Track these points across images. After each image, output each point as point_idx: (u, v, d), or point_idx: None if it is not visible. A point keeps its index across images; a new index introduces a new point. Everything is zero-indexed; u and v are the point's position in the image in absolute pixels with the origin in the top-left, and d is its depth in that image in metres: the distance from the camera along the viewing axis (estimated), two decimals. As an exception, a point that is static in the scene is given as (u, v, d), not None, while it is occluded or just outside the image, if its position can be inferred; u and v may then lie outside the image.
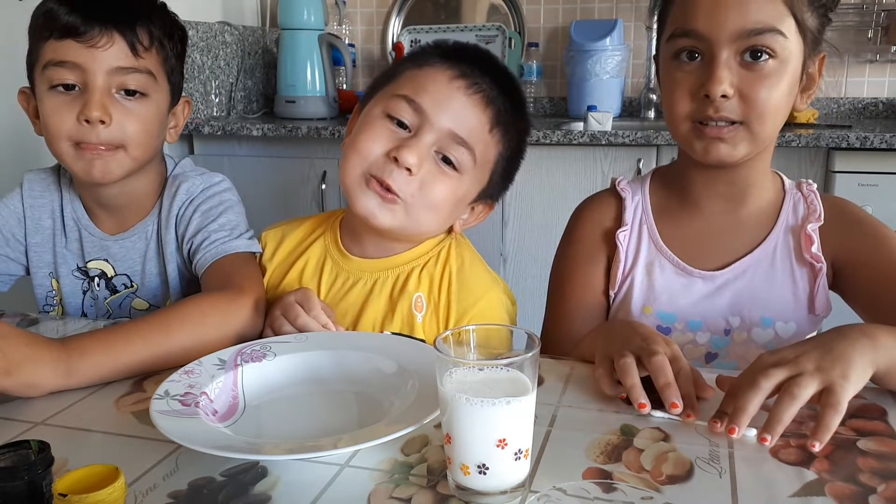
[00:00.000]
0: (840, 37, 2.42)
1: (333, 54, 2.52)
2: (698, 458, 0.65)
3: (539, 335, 0.66)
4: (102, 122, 1.00)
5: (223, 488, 0.62)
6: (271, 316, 0.93)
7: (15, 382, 0.76)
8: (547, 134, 2.08)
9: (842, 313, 0.96)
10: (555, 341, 1.00)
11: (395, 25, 2.81)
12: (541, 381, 0.80)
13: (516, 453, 0.58)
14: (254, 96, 2.70)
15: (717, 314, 0.98)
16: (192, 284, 1.11)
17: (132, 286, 1.14)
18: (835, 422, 0.66)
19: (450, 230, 1.06)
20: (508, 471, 0.58)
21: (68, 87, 1.00)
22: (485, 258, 1.08)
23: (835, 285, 0.97)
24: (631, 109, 2.61)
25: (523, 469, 0.60)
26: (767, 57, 0.86)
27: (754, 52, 0.86)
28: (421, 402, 0.69)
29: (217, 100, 2.48)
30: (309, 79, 2.47)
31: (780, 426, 0.66)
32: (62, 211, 1.14)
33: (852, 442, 0.68)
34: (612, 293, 1.02)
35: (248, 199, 1.19)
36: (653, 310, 0.99)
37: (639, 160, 2.08)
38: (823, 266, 0.95)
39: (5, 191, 1.16)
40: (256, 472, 0.64)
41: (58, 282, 1.15)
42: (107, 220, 1.14)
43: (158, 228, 1.12)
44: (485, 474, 0.58)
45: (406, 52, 1.04)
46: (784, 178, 1.02)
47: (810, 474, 0.63)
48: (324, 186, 2.25)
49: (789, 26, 0.86)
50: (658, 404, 0.72)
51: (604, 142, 2.07)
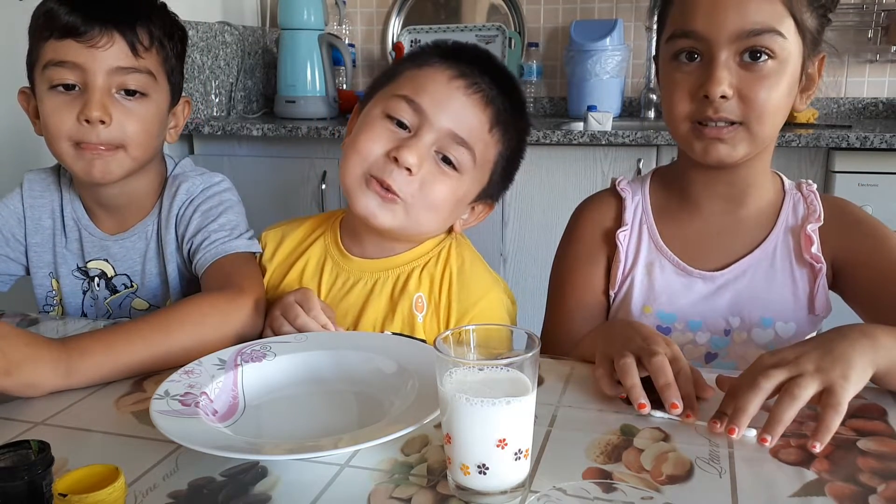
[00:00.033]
0: (840, 37, 2.42)
1: (333, 54, 2.52)
2: (698, 458, 0.65)
3: (539, 335, 0.66)
4: (102, 122, 1.00)
5: (223, 488, 0.62)
6: (271, 316, 0.93)
7: (15, 382, 0.76)
8: (547, 134, 2.08)
9: (842, 313, 0.96)
10: (555, 341, 1.00)
11: (395, 25, 2.81)
12: (541, 381, 0.80)
13: (516, 453, 0.58)
14: (254, 96, 2.70)
15: (716, 314, 0.98)
16: (192, 284, 1.11)
17: (132, 286, 1.14)
18: (835, 422, 0.66)
19: (450, 230, 1.06)
20: (508, 471, 0.58)
21: (68, 87, 1.00)
22: (485, 258, 1.08)
23: (835, 285, 0.97)
24: (631, 109, 2.61)
25: (523, 469, 0.60)
26: (767, 57, 0.86)
27: (753, 52, 0.86)
28: (421, 402, 0.69)
29: (217, 100, 2.48)
30: (309, 79, 2.47)
31: (780, 427, 0.66)
32: (62, 211, 1.14)
33: (852, 442, 0.68)
34: (612, 293, 1.02)
35: (248, 199, 1.19)
36: (653, 310, 0.99)
37: (639, 160, 2.09)
38: (823, 266, 0.95)
39: (5, 191, 1.16)
40: (256, 472, 0.64)
41: (58, 282, 1.15)
42: (107, 220, 1.14)
43: (158, 228, 1.12)
44: (485, 474, 0.58)
45: (406, 53, 1.04)
46: (784, 178, 1.02)
47: (810, 474, 0.63)
48: (324, 186, 2.25)
49: (788, 27, 0.86)
50: (658, 404, 0.72)
51: (604, 142, 2.07)
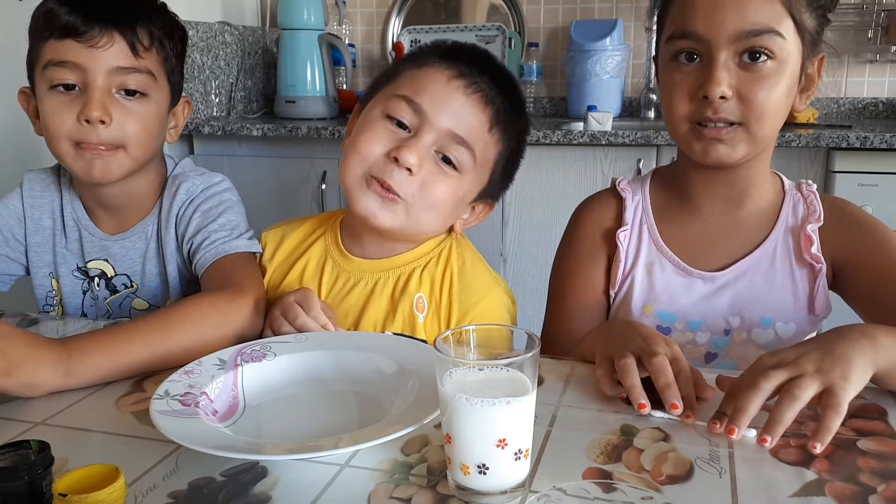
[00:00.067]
0: (840, 37, 2.42)
1: (333, 54, 2.52)
2: (698, 458, 0.65)
3: (539, 335, 0.66)
4: (102, 122, 1.00)
5: (223, 488, 0.62)
6: (271, 316, 0.93)
7: (15, 382, 0.76)
8: (547, 134, 2.08)
9: (842, 313, 0.96)
10: (555, 341, 1.00)
11: (395, 25, 2.81)
12: (541, 381, 0.80)
13: (516, 453, 0.58)
14: (254, 96, 2.70)
15: (717, 314, 0.98)
16: (192, 284, 1.11)
17: (132, 286, 1.14)
18: (836, 423, 0.66)
19: (450, 230, 1.06)
20: (508, 471, 0.58)
21: (68, 87, 1.00)
22: (485, 258, 1.08)
23: (835, 285, 0.97)
24: (631, 109, 2.61)
25: (523, 469, 0.60)
26: (766, 58, 0.86)
27: (753, 53, 0.86)
28: (421, 402, 0.69)
29: (217, 100, 2.48)
30: (309, 79, 2.47)
31: (780, 427, 0.66)
32: (62, 211, 1.14)
33: (852, 442, 0.68)
34: (612, 293, 1.02)
35: (248, 199, 1.19)
36: (653, 310, 0.99)
37: (639, 160, 2.09)
38: (823, 267, 0.95)
39: (5, 191, 1.16)
40: (256, 472, 0.64)
41: (58, 282, 1.15)
42: (107, 220, 1.14)
43: (158, 228, 1.12)
44: (485, 474, 0.58)
45: (405, 53, 1.04)
46: (784, 178, 1.02)
47: (810, 474, 0.63)
48: (324, 186, 2.25)
49: (787, 27, 0.86)
50: (658, 404, 0.72)
51: (604, 142, 2.07)
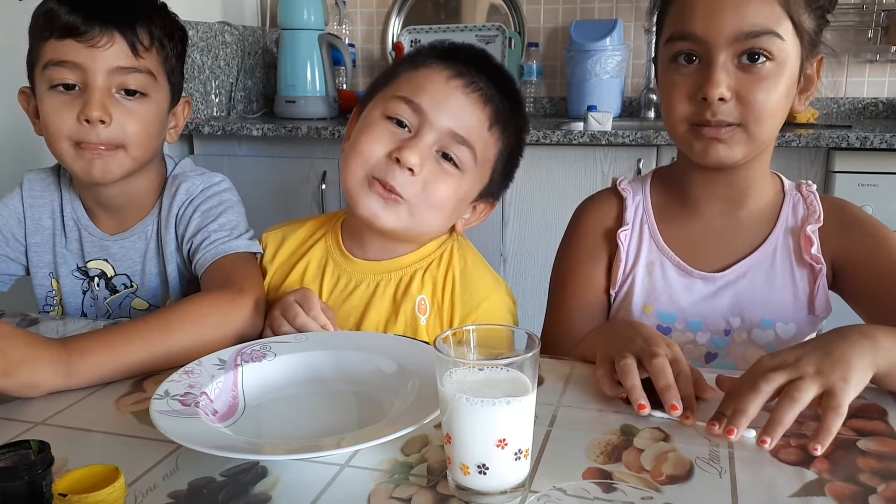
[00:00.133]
0: (840, 37, 2.42)
1: (333, 54, 2.52)
2: (698, 458, 0.65)
3: (539, 335, 0.66)
4: (102, 122, 1.00)
5: (223, 488, 0.62)
6: (271, 316, 0.93)
7: (14, 383, 0.76)
8: (547, 134, 2.08)
9: (842, 313, 0.96)
10: (555, 340, 1.00)
11: (395, 25, 2.81)
12: (541, 381, 0.80)
13: (516, 453, 0.58)
14: (254, 96, 2.70)
15: (717, 315, 0.98)
16: (192, 284, 1.11)
17: (132, 286, 1.14)
18: (836, 425, 0.66)
19: (451, 230, 1.06)
20: (508, 471, 0.58)
21: (68, 87, 1.00)
22: (485, 258, 1.08)
23: (835, 286, 0.97)
24: (631, 109, 2.61)
25: (523, 469, 0.60)
26: (765, 59, 0.86)
27: (751, 54, 0.85)
28: (421, 402, 0.69)
29: (217, 100, 2.48)
30: (309, 79, 2.47)
31: (780, 429, 0.66)
32: (62, 211, 1.14)
33: (852, 442, 0.68)
34: (612, 292, 1.02)
35: (248, 199, 1.19)
36: (653, 309, 0.99)
37: (639, 160, 2.09)
38: (823, 267, 0.95)
39: (5, 191, 1.16)
40: (256, 472, 0.64)
41: (58, 282, 1.15)
42: (107, 220, 1.14)
43: (158, 228, 1.12)
44: (485, 474, 0.58)
45: (403, 55, 1.04)
46: (784, 179, 1.02)
47: (810, 474, 0.63)
48: (324, 186, 2.25)
49: (786, 29, 0.86)
50: (658, 404, 0.72)
51: (604, 142, 2.07)
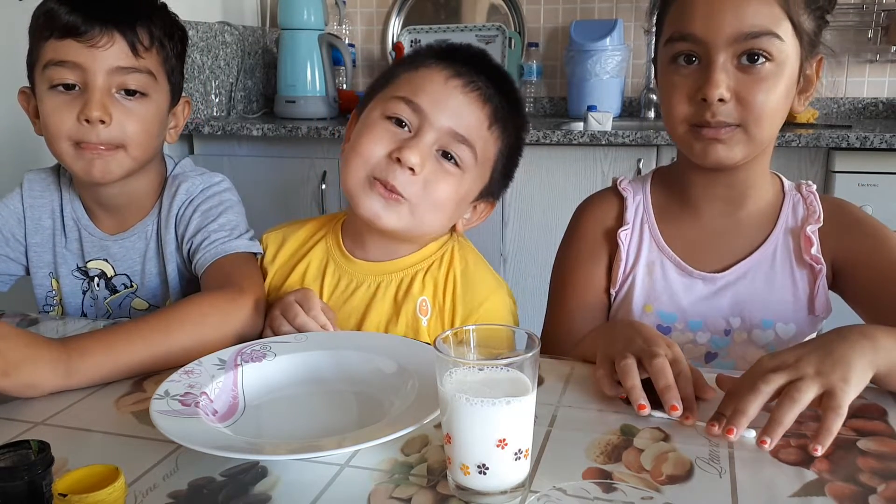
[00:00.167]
0: (840, 37, 2.42)
1: (333, 54, 2.52)
2: (698, 458, 0.65)
3: (539, 334, 0.66)
4: (102, 122, 1.00)
5: (223, 488, 0.62)
6: (271, 315, 0.93)
7: (14, 383, 0.76)
8: (547, 134, 2.08)
9: (842, 314, 0.96)
10: (555, 340, 1.00)
11: (395, 25, 2.81)
12: (541, 381, 0.80)
13: (516, 453, 0.58)
14: (254, 96, 2.70)
15: (717, 315, 0.98)
16: (191, 284, 1.11)
17: (132, 286, 1.14)
18: (836, 426, 0.65)
19: (452, 231, 1.06)
20: (508, 471, 0.58)
21: (68, 87, 1.00)
22: (485, 258, 1.08)
23: (835, 286, 0.97)
24: (631, 109, 2.61)
25: (523, 469, 0.60)
26: (764, 60, 0.86)
27: (751, 55, 0.86)
28: (421, 402, 0.69)
29: (217, 100, 2.48)
30: (309, 79, 2.47)
31: (780, 429, 0.66)
32: (62, 211, 1.14)
33: (852, 442, 0.68)
34: (612, 292, 1.02)
35: (248, 199, 1.19)
36: (653, 309, 0.99)
37: (639, 160, 2.09)
38: (823, 267, 0.95)
39: (5, 191, 1.16)
40: (256, 472, 0.64)
41: (58, 282, 1.15)
42: (107, 220, 1.14)
43: (158, 228, 1.12)
44: (485, 474, 0.58)
45: (401, 56, 1.04)
46: (784, 179, 1.02)
47: (810, 474, 0.63)
48: (324, 186, 2.25)
49: (786, 29, 0.86)
50: (658, 404, 0.72)
51: (604, 142, 2.07)
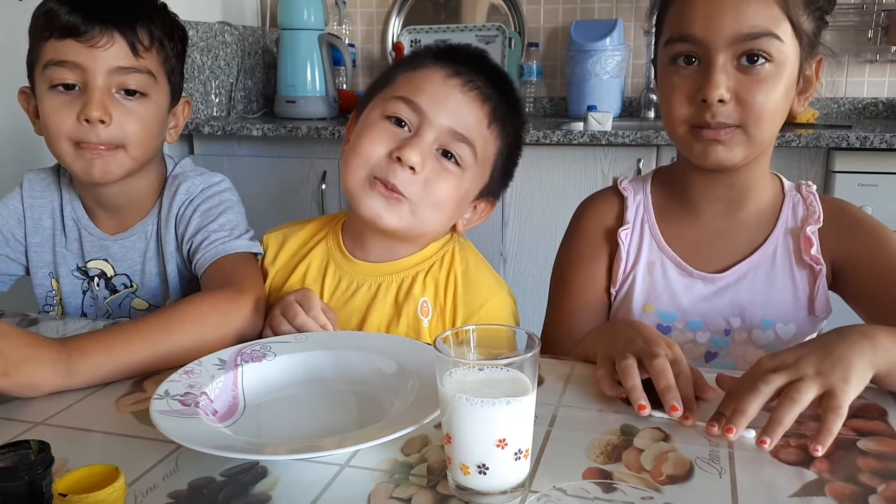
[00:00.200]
0: (840, 37, 2.42)
1: (333, 54, 2.52)
2: (698, 458, 0.65)
3: (539, 334, 0.66)
4: (102, 122, 1.00)
5: (223, 488, 0.62)
6: (271, 315, 0.93)
7: (14, 383, 0.76)
8: (547, 134, 2.08)
9: (842, 314, 0.96)
10: (556, 339, 1.00)
11: (395, 25, 2.81)
12: (541, 381, 0.80)
13: (516, 453, 0.58)
14: (254, 96, 2.70)
15: (717, 315, 0.98)
16: (191, 284, 1.11)
17: (132, 286, 1.14)
18: (836, 426, 0.65)
19: (452, 231, 1.06)
20: (508, 471, 0.58)
21: (68, 87, 1.00)
22: (485, 258, 1.08)
23: (834, 286, 0.97)
24: (631, 109, 2.61)
25: (523, 469, 0.60)
26: (764, 61, 0.86)
27: (751, 56, 0.86)
28: (421, 402, 0.69)
29: (217, 100, 2.48)
30: (309, 79, 2.47)
31: (780, 429, 0.66)
32: (62, 211, 1.14)
33: (852, 442, 0.68)
34: (613, 291, 1.02)
35: (248, 199, 1.19)
36: (654, 308, 0.99)
37: (639, 160, 2.09)
38: (823, 268, 0.95)
39: (5, 191, 1.16)
40: (256, 472, 0.64)
41: (57, 282, 1.15)
42: (106, 220, 1.14)
43: (158, 228, 1.12)
44: (485, 474, 0.58)
45: (400, 57, 1.04)
46: (784, 179, 1.02)
47: (810, 474, 0.63)
48: (324, 186, 2.25)
49: (785, 30, 0.86)
50: (658, 404, 0.72)
51: (604, 142, 2.07)
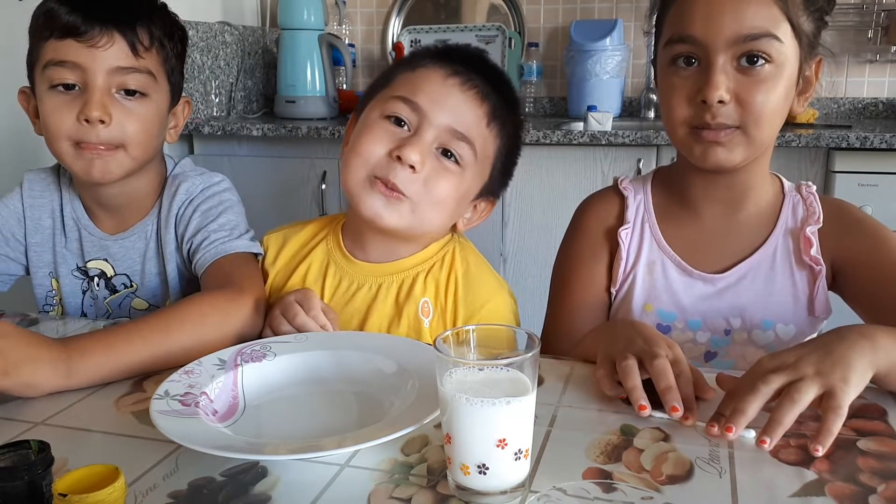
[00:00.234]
0: (840, 37, 2.42)
1: (333, 54, 2.52)
2: (698, 458, 0.65)
3: (539, 335, 0.66)
4: (102, 122, 1.00)
5: (223, 488, 0.62)
6: (271, 315, 0.93)
7: (13, 382, 0.76)
8: (547, 134, 2.08)
9: (842, 314, 0.96)
10: (556, 338, 1.00)
11: (395, 25, 2.81)
12: (541, 381, 0.80)
13: (516, 453, 0.58)
14: (254, 96, 2.70)
15: (717, 315, 0.98)
16: (191, 284, 1.11)
17: (132, 286, 1.14)
18: (837, 426, 0.65)
19: (453, 231, 1.06)
20: (508, 471, 0.58)
21: (68, 87, 1.00)
22: (485, 258, 1.08)
23: (834, 286, 0.97)
24: (631, 109, 2.61)
25: (523, 469, 0.60)
26: (764, 62, 0.86)
27: (750, 57, 0.86)
28: (421, 402, 0.69)
29: (217, 100, 2.48)
30: (309, 79, 2.47)
31: (779, 429, 0.66)
32: (62, 211, 1.14)
33: (852, 442, 0.68)
34: (613, 290, 1.02)
35: (248, 199, 1.19)
36: (654, 308, 0.99)
37: (639, 160, 2.09)
38: (823, 268, 0.95)
39: (5, 191, 1.16)
40: (256, 472, 0.64)
41: (57, 281, 1.15)
42: (106, 220, 1.14)
43: (158, 228, 1.12)
44: (485, 474, 0.58)
45: (398, 58, 1.05)
46: (784, 180, 1.02)
47: (810, 474, 0.63)
48: (324, 186, 2.25)
49: (785, 31, 0.86)
50: (658, 404, 0.72)
51: (604, 142, 2.07)
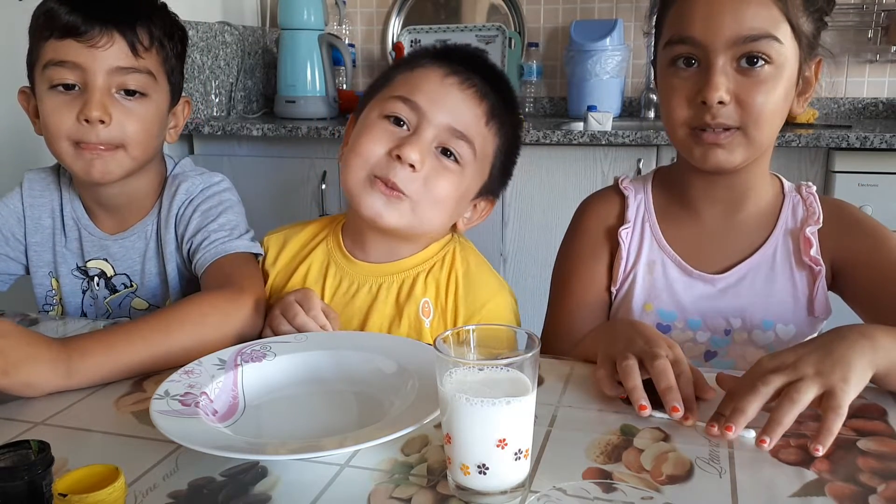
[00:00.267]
0: (840, 37, 2.42)
1: (333, 54, 2.52)
2: (698, 458, 0.65)
3: (539, 335, 0.66)
4: (102, 122, 1.00)
5: (223, 488, 0.62)
6: (271, 315, 0.93)
7: (13, 382, 0.76)
8: (547, 134, 2.08)
9: (842, 314, 0.96)
10: (556, 337, 1.00)
11: (395, 25, 2.81)
12: (541, 381, 0.80)
13: (516, 453, 0.58)
14: (254, 96, 2.70)
15: (717, 315, 0.98)
16: (191, 284, 1.11)
17: (132, 286, 1.14)
18: (837, 426, 0.65)
19: (453, 230, 1.06)
20: (508, 471, 0.58)
21: (68, 87, 1.00)
22: (485, 258, 1.08)
23: (834, 286, 0.97)
24: (631, 109, 2.61)
25: (523, 469, 0.60)
26: (763, 63, 0.86)
27: (750, 58, 0.86)
28: (421, 402, 0.69)
29: (217, 100, 2.48)
30: (309, 79, 2.47)
31: (779, 429, 0.66)
32: (62, 210, 1.14)
33: (852, 442, 0.68)
34: (613, 290, 1.02)
35: (248, 199, 1.19)
36: (654, 307, 0.99)
37: (639, 160, 2.09)
38: (822, 269, 0.95)
39: (5, 191, 1.16)
40: (256, 472, 0.64)
41: (57, 281, 1.15)
42: (106, 220, 1.14)
43: (158, 228, 1.12)
44: (485, 474, 0.58)
45: (397, 59, 1.05)
46: (784, 180, 1.02)
47: (810, 474, 0.63)
48: (324, 186, 2.25)
49: (785, 32, 0.86)
50: (658, 404, 0.72)
51: (604, 142, 2.07)
